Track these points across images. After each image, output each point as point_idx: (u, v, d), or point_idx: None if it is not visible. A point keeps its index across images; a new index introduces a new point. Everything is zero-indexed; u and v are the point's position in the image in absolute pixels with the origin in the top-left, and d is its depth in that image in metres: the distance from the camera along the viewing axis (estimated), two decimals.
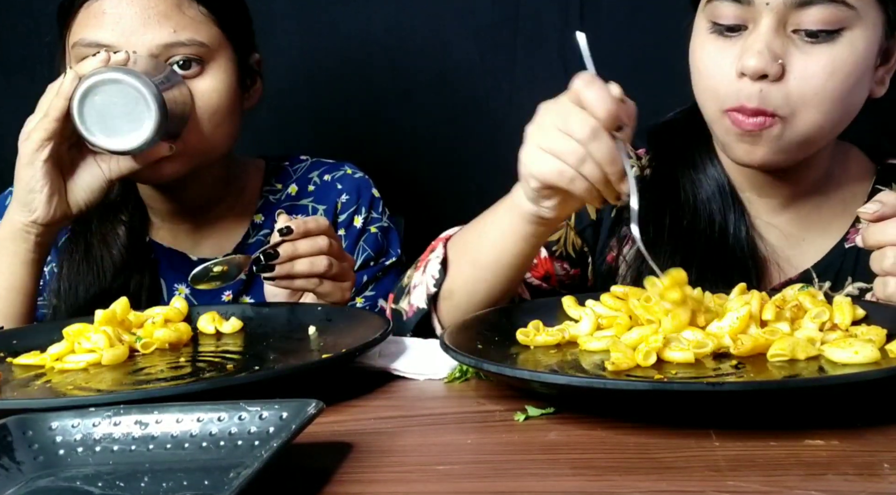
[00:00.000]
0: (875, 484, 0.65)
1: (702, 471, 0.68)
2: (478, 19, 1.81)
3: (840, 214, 1.23)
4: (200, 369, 0.98)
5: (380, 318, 1.05)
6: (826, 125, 1.11)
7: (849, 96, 1.10)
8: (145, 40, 1.24)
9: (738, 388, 0.79)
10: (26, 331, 1.12)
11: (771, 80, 1.06)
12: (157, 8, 1.25)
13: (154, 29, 1.24)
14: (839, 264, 1.20)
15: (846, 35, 1.07)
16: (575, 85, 0.94)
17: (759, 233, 1.22)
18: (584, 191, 0.94)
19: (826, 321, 0.93)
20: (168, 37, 1.25)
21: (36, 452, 0.73)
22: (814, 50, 1.07)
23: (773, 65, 1.05)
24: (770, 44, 1.06)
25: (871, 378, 0.79)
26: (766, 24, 1.06)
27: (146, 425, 0.74)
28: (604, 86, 0.93)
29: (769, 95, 1.07)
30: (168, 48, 1.25)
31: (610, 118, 0.92)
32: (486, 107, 1.84)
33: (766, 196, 1.23)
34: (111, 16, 1.25)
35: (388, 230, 1.46)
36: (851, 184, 1.25)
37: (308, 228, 1.14)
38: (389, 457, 0.75)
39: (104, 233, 1.35)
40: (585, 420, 0.80)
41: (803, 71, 1.07)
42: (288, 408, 0.73)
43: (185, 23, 1.26)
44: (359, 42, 1.85)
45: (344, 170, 1.48)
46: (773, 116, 1.08)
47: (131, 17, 1.24)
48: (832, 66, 1.07)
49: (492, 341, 0.96)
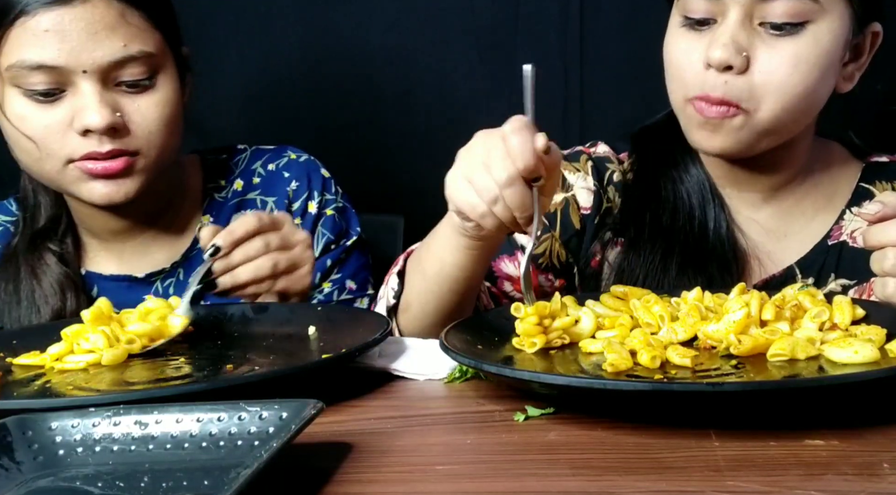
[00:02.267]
0: (875, 484, 0.65)
1: (702, 471, 0.68)
2: (478, 19, 1.82)
3: (822, 210, 1.24)
4: (200, 369, 0.98)
5: (380, 318, 1.05)
6: (787, 117, 1.12)
7: (812, 89, 1.11)
8: (95, 57, 1.16)
9: (738, 388, 0.79)
10: (26, 331, 1.12)
11: (736, 71, 1.09)
12: (103, 20, 1.16)
13: (103, 44, 1.16)
14: (822, 261, 1.21)
15: (810, 28, 1.09)
16: (505, 128, 0.97)
17: (739, 228, 1.23)
18: (492, 227, 0.98)
19: (826, 321, 0.93)
20: (119, 51, 1.17)
21: (36, 452, 0.73)
22: (778, 43, 1.09)
23: (737, 57, 1.08)
24: (735, 36, 1.09)
25: (871, 378, 0.79)
26: (733, 17, 1.09)
27: (146, 425, 0.74)
28: (529, 137, 0.95)
29: (733, 87, 1.09)
30: (119, 65, 1.18)
31: (527, 170, 0.94)
32: (485, 107, 1.84)
33: (744, 190, 1.24)
34: (54, 33, 1.15)
35: (345, 209, 1.42)
36: (834, 180, 1.25)
37: (236, 238, 1.11)
38: (389, 457, 0.75)
39: (32, 265, 1.29)
40: (585, 420, 0.80)
41: (767, 63, 1.09)
42: (288, 408, 0.73)
43: (132, 34, 1.18)
44: (359, 42, 1.85)
45: (287, 156, 1.42)
46: (736, 107, 1.10)
47: (77, 33, 1.15)
48: (796, 58, 1.09)
49: (492, 341, 0.96)
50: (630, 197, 1.26)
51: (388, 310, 1.13)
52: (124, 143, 1.20)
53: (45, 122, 1.18)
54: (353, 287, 1.39)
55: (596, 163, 1.30)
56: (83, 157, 1.19)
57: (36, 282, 1.27)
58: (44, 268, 1.29)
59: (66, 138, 1.19)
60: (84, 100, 1.17)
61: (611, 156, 1.31)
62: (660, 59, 1.20)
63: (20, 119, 1.19)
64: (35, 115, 1.19)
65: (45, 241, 1.31)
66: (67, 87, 1.18)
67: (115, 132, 1.19)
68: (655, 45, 1.21)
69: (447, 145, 1.90)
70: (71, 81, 1.17)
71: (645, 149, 1.28)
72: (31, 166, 1.24)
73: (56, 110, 1.18)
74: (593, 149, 1.33)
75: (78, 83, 1.17)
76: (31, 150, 1.20)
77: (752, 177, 1.23)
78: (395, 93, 1.85)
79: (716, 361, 0.88)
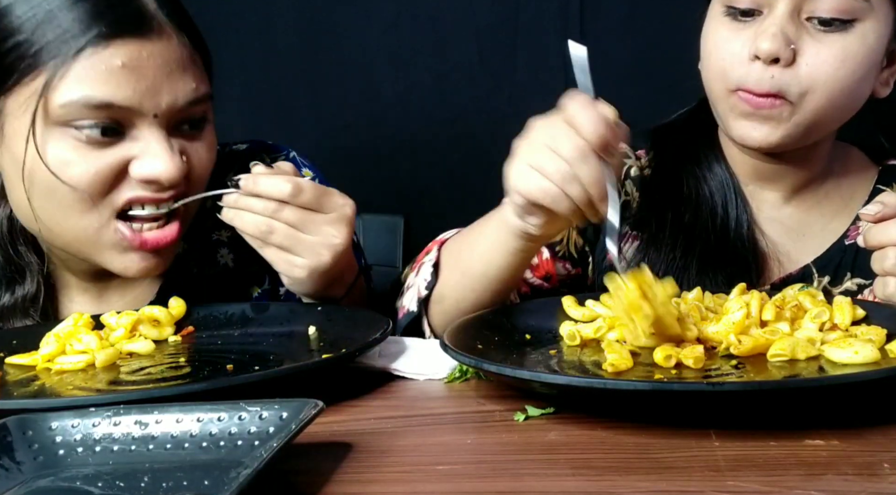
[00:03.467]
0: (875, 484, 0.65)
1: (702, 471, 0.68)
2: (478, 19, 1.82)
3: (840, 211, 1.24)
4: (200, 369, 0.98)
5: (380, 318, 1.05)
6: (832, 113, 1.12)
7: (856, 86, 1.11)
8: (168, 100, 1.03)
9: (738, 388, 0.79)
10: (26, 331, 1.12)
11: (783, 64, 1.08)
12: (179, 59, 1.04)
13: (178, 85, 1.04)
14: (839, 260, 1.21)
15: (858, 26, 1.08)
16: (569, 105, 0.93)
17: (760, 228, 1.23)
18: (567, 211, 0.94)
19: (826, 321, 0.93)
20: (191, 93, 1.05)
21: (36, 452, 0.73)
22: (826, 38, 1.08)
23: (786, 49, 1.07)
24: (784, 28, 1.07)
25: (871, 378, 0.79)
26: (782, 10, 1.08)
27: (146, 425, 0.74)
28: (597, 109, 0.92)
29: (780, 80, 1.08)
30: (189, 107, 1.05)
31: (600, 142, 0.91)
32: (486, 107, 1.84)
33: (769, 189, 1.24)
34: (131, 70, 1.00)
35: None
36: (852, 182, 1.26)
37: (259, 190, 1.03)
38: (389, 457, 0.75)
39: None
40: (585, 420, 0.80)
41: (815, 57, 1.08)
42: (288, 408, 0.73)
43: (199, 75, 1.07)
44: (359, 42, 1.85)
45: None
46: (782, 99, 1.09)
47: (154, 71, 1.02)
48: (843, 54, 1.08)
49: (492, 341, 0.96)
50: (650, 193, 1.25)
51: (420, 302, 1.13)
52: (179, 189, 1.07)
53: (95, 167, 1.02)
54: None
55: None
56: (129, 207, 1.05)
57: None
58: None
59: (115, 187, 1.04)
60: (151, 146, 1.03)
61: (628, 151, 1.30)
62: (659, 58, 1.20)
63: (64, 164, 1.02)
64: (84, 159, 1.02)
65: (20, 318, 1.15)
66: (128, 130, 1.03)
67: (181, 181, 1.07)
68: (655, 45, 1.21)
69: (447, 145, 1.91)
70: (134, 124, 1.03)
71: (665, 146, 1.27)
72: (61, 221, 1.06)
73: (109, 153, 1.03)
74: None
75: (142, 127, 1.03)
76: (70, 204, 1.03)
77: (777, 173, 1.22)
78: (395, 93, 1.85)
79: (716, 361, 0.88)
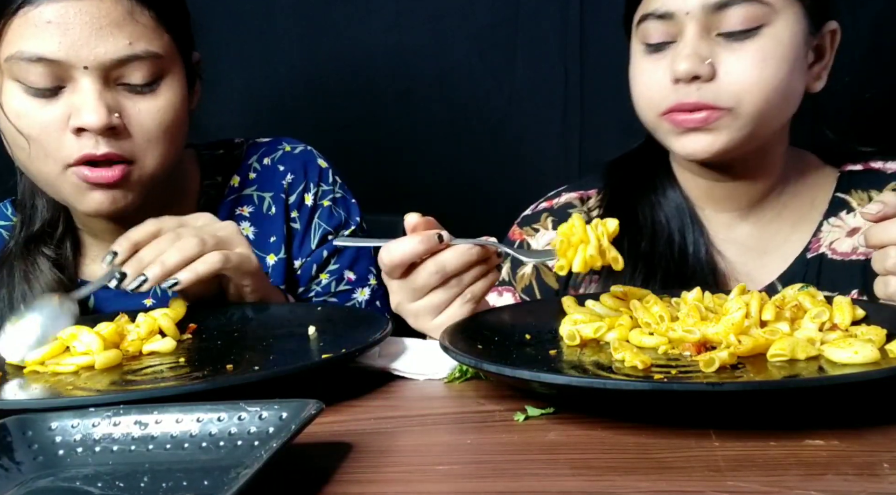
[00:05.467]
0: (875, 484, 0.65)
1: (702, 471, 0.68)
2: (478, 19, 1.82)
3: (800, 224, 1.26)
4: (200, 369, 0.97)
5: (380, 318, 1.05)
6: (769, 112, 1.14)
7: (786, 83, 1.14)
8: (97, 53, 1.11)
9: (737, 388, 0.79)
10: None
11: (704, 80, 1.12)
12: (110, 16, 1.12)
13: (107, 40, 1.11)
14: (803, 274, 1.22)
15: (767, 30, 1.12)
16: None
17: (718, 250, 1.25)
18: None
19: (826, 321, 0.93)
20: (123, 49, 1.12)
21: (35, 452, 0.73)
22: (740, 46, 1.12)
23: (702, 66, 1.11)
24: (697, 48, 1.12)
25: (871, 378, 0.79)
26: (691, 32, 1.13)
27: (146, 425, 0.74)
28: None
29: (707, 92, 1.12)
30: (122, 64, 1.13)
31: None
32: (486, 107, 1.84)
33: (723, 209, 1.26)
34: (57, 25, 1.10)
35: (343, 199, 1.39)
36: (810, 192, 1.27)
37: (134, 239, 1.08)
38: (389, 457, 0.75)
39: (26, 270, 1.25)
40: (585, 420, 0.80)
41: (735, 65, 1.12)
42: (288, 409, 0.73)
43: (139, 32, 1.14)
44: (359, 42, 1.85)
45: (282, 149, 1.39)
46: (715, 109, 1.12)
47: (81, 27, 1.10)
48: (762, 54, 1.12)
49: (492, 341, 0.96)
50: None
51: None
52: (121, 148, 1.15)
53: (42, 120, 1.14)
54: (351, 277, 1.37)
55: (556, 214, 1.33)
56: (79, 161, 1.14)
57: (28, 288, 1.24)
58: (37, 274, 1.25)
59: (62, 138, 1.14)
60: (82, 97, 1.13)
61: (574, 200, 1.34)
62: None
63: (17, 115, 1.14)
64: (32, 111, 1.14)
65: (39, 246, 1.27)
66: (67, 83, 1.13)
67: (113, 134, 1.14)
68: None
69: (447, 145, 1.91)
70: (71, 77, 1.12)
71: (620, 177, 1.30)
72: (28, 167, 1.20)
73: (54, 107, 1.14)
74: (556, 200, 1.36)
75: (78, 79, 1.12)
76: (30, 151, 1.16)
77: (731, 192, 1.24)
78: (395, 92, 1.85)
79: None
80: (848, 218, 1.24)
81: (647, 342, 0.93)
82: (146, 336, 1.06)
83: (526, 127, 1.84)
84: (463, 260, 0.99)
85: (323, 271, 1.36)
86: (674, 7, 1.13)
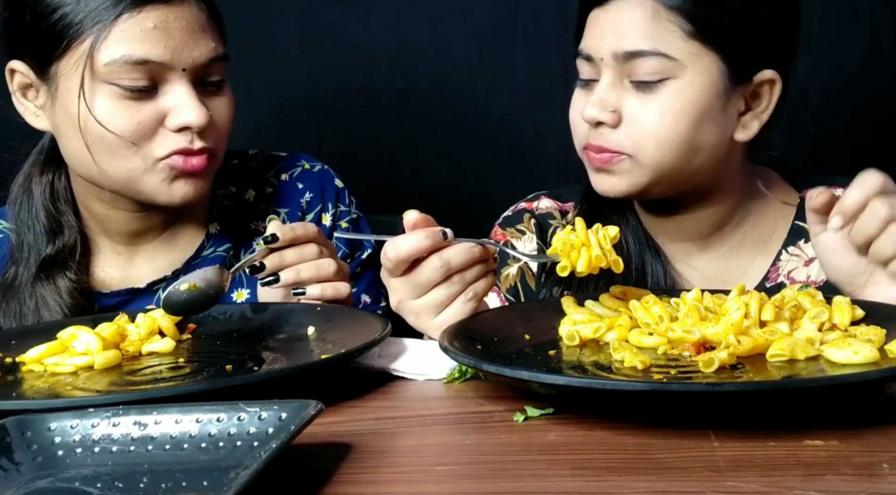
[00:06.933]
0: (874, 484, 0.65)
1: (701, 471, 0.68)
2: (478, 19, 1.82)
3: (760, 253, 1.27)
4: (199, 370, 0.97)
5: (379, 319, 1.05)
6: (672, 162, 1.17)
7: (690, 137, 1.16)
8: (194, 56, 1.18)
9: (737, 388, 0.79)
10: (26, 331, 1.12)
11: (610, 125, 1.16)
12: (199, 22, 1.20)
13: (200, 44, 1.19)
14: None
15: (672, 83, 1.15)
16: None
17: (680, 275, 1.26)
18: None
19: (825, 321, 0.93)
20: (211, 52, 1.20)
21: (35, 453, 0.73)
22: (644, 97, 1.16)
23: (604, 113, 1.16)
24: (605, 95, 1.16)
25: (871, 378, 0.79)
26: (606, 79, 1.17)
27: (145, 426, 0.74)
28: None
29: (610, 137, 1.17)
30: (211, 64, 1.21)
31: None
32: (486, 107, 1.84)
33: (676, 240, 1.28)
34: (161, 30, 1.16)
35: (359, 221, 1.41)
36: (770, 220, 1.28)
37: (296, 235, 1.12)
38: (388, 458, 0.75)
39: (44, 295, 1.25)
40: (585, 420, 0.80)
41: (636, 115, 1.16)
42: (287, 409, 0.73)
43: (216, 36, 1.23)
44: (359, 42, 1.85)
45: (301, 166, 1.41)
46: (617, 154, 1.17)
47: (181, 32, 1.18)
48: (661, 109, 1.15)
49: (491, 341, 0.96)
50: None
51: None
52: (210, 141, 1.21)
53: (138, 119, 1.17)
54: (367, 301, 1.39)
55: (539, 220, 1.34)
56: (174, 153, 1.19)
57: (47, 312, 1.25)
58: (56, 298, 1.25)
59: (156, 135, 1.19)
60: (181, 98, 1.18)
61: (553, 211, 1.35)
62: None
63: (111, 115, 1.17)
64: (127, 111, 1.17)
65: (58, 268, 1.27)
66: (161, 85, 1.18)
67: (207, 130, 1.20)
68: None
69: (447, 145, 1.91)
70: (166, 79, 1.18)
71: (591, 203, 1.31)
72: (107, 167, 1.20)
73: (149, 106, 1.18)
74: (535, 204, 1.36)
75: (173, 81, 1.18)
76: (117, 150, 1.18)
77: (678, 225, 1.27)
78: (395, 92, 1.85)
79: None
80: (806, 247, 1.25)
81: (647, 342, 0.93)
82: (146, 336, 1.06)
83: (526, 127, 1.84)
84: (467, 256, 1.00)
85: None
86: (593, 51, 1.18)
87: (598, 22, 1.18)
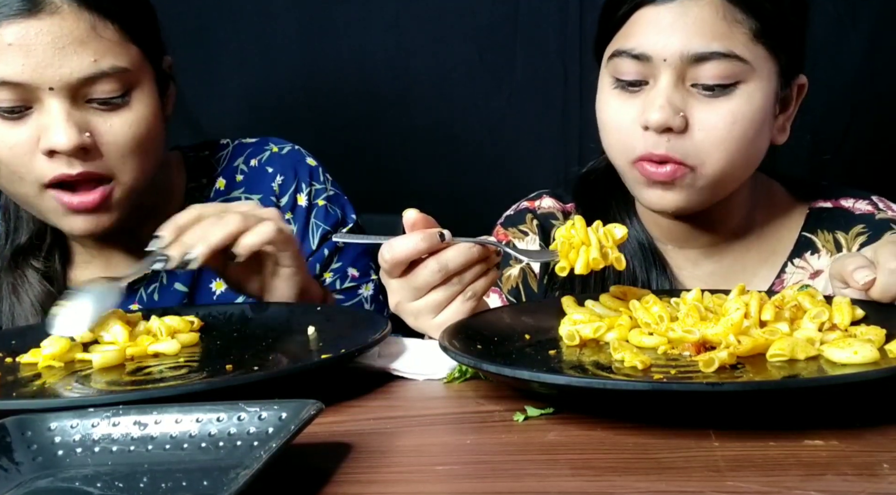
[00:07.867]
0: (874, 485, 0.65)
1: (701, 471, 0.68)
2: (478, 19, 1.82)
3: (765, 264, 1.25)
4: (199, 369, 0.97)
5: (380, 318, 1.05)
6: (733, 171, 1.14)
7: (752, 143, 1.13)
8: (62, 73, 1.09)
9: (737, 388, 0.79)
10: (26, 331, 1.12)
11: (676, 132, 1.10)
12: (72, 34, 1.09)
13: (71, 59, 1.09)
14: None
15: (742, 88, 1.11)
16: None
17: (682, 285, 1.24)
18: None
19: (825, 321, 0.93)
20: (88, 68, 1.10)
21: (35, 453, 0.73)
22: (713, 102, 1.10)
23: (675, 117, 1.09)
24: (671, 98, 1.10)
25: (871, 378, 0.79)
26: (666, 80, 1.10)
27: (145, 426, 0.74)
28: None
29: (676, 145, 1.11)
30: (88, 82, 1.10)
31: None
32: (485, 107, 1.84)
33: (685, 247, 1.25)
34: (19, 47, 1.08)
35: (337, 197, 1.38)
36: (776, 231, 1.26)
37: (180, 223, 1.06)
38: (388, 458, 0.75)
39: (14, 282, 1.24)
40: (585, 420, 0.80)
41: (706, 122, 1.10)
42: (287, 409, 0.73)
43: (104, 48, 1.11)
44: (358, 42, 1.85)
45: (269, 150, 1.36)
46: (681, 165, 1.11)
47: (43, 48, 1.08)
48: (732, 116, 1.10)
49: (491, 341, 0.96)
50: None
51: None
52: (96, 166, 1.14)
53: (10, 142, 1.12)
54: (355, 274, 1.37)
55: (541, 220, 1.32)
56: (54, 181, 1.12)
57: (16, 300, 1.23)
58: (25, 287, 1.24)
59: (34, 160, 1.12)
60: (50, 118, 1.10)
61: (555, 211, 1.33)
62: None
63: None
64: (1, 133, 1.12)
65: (27, 258, 1.26)
66: (34, 104, 1.11)
67: (85, 153, 1.12)
68: None
69: (446, 145, 1.91)
70: (37, 98, 1.11)
71: (586, 204, 1.29)
72: (6, 188, 1.18)
73: (22, 129, 1.11)
74: (537, 203, 1.35)
75: (44, 100, 1.10)
76: (5, 174, 1.14)
77: (690, 234, 1.24)
78: (395, 92, 1.85)
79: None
80: (812, 259, 1.23)
81: (647, 342, 0.93)
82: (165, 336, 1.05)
83: (526, 127, 1.84)
84: (465, 258, 0.98)
85: (326, 270, 1.36)
86: (651, 51, 1.11)
87: (656, 20, 1.11)
